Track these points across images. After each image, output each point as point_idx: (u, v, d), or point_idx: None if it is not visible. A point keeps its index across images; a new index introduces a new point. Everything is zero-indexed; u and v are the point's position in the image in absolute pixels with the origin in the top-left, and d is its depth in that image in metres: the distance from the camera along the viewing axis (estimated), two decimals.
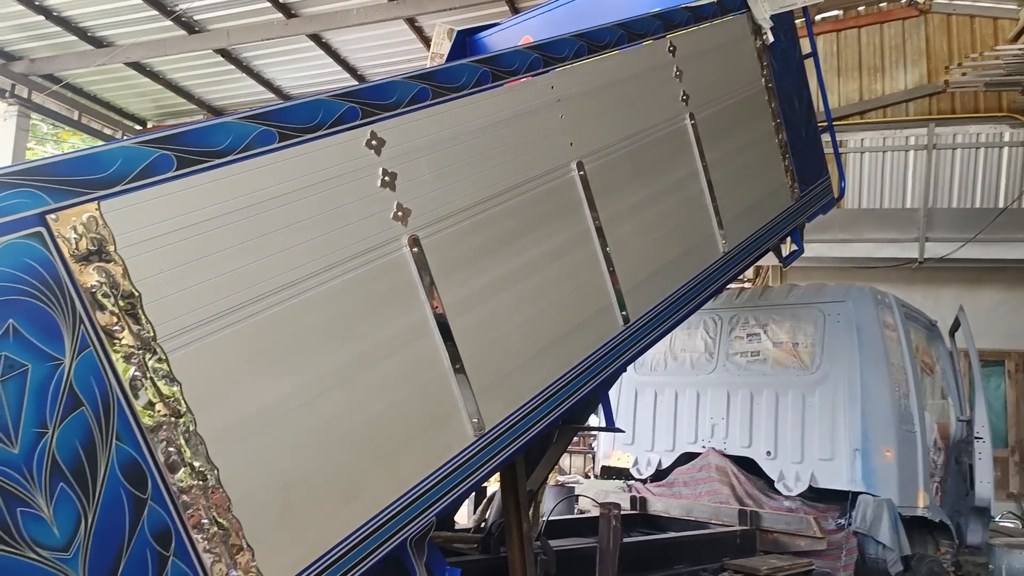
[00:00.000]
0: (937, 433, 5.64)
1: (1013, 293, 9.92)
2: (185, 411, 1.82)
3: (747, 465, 5.28)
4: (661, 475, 5.65)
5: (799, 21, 4.99)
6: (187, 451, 1.81)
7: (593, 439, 8.73)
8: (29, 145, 11.11)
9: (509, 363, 2.65)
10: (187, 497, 1.79)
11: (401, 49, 10.08)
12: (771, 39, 4.33)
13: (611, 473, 5.99)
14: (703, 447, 5.49)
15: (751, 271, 10.28)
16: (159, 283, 1.84)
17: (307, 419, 2.05)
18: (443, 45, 5.23)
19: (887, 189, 10.42)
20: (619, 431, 4.41)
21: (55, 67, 10.26)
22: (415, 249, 2.40)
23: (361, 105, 2.34)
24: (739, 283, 8.50)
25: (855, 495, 4.83)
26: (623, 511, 4.05)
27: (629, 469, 5.83)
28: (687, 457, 5.57)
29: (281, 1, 9.05)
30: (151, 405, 1.77)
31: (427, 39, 9.55)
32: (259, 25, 9.41)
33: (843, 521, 4.82)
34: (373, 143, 2.35)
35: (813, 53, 5.12)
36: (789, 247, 4.91)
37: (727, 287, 4.72)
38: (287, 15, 9.25)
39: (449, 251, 2.51)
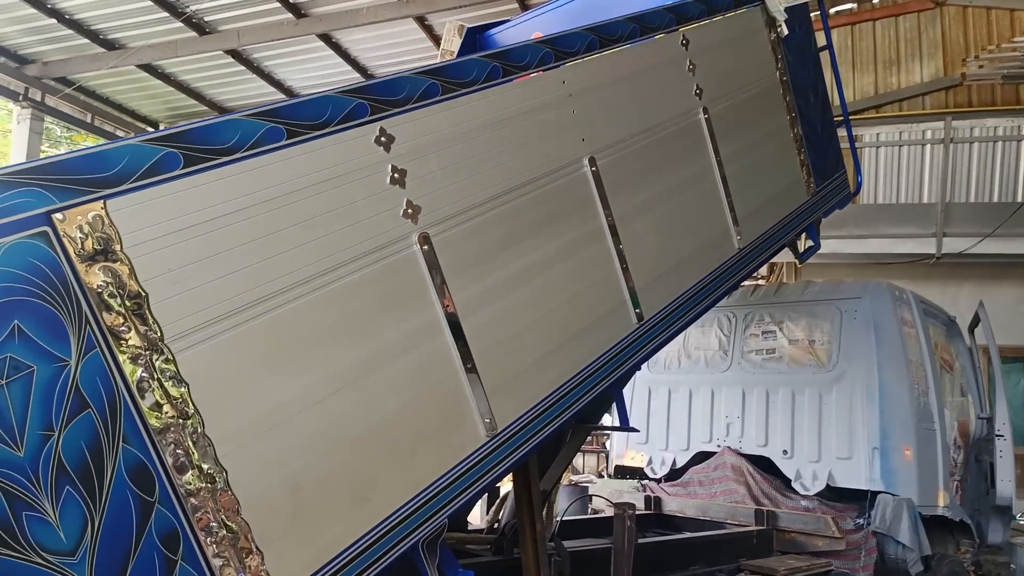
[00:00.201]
0: (957, 431, 5.57)
1: None
2: (193, 412, 1.80)
3: (763, 464, 5.23)
4: (676, 474, 5.61)
5: (814, 14, 4.92)
6: (195, 453, 1.78)
7: (606, 438, 8.69)
8: (43, 148, 11.17)
9: (521, 362, 2.61)
10: (195, 500, 1.76)
11: (411, 48, 10.06)
12: (785, 32, 4.27)
13: (625, 472, 5.96)
14: (718, 446, 5.44)
15: (765, 268, 10.18)
16: (166, 283, 1.81)
17: (316, 420, 2.02)
18: (454, 42, 5.20)
19: (903, 184, 10.29)
20: (633, 431, 4.37)
21: (68, 70, 10.30)
22: (425, 247, 2.37)
23: (370, 101, 2.31)
24: (753, 280, 8.43)
25: (874, 494, 4.77)
26: (638, 511, 4.01)
27: (643, 468, 5.79)
28: (702, 456, 5.53)
29: (291, 1, 9.05)
30: (158, 406, 1.75)
31: (437, 38, 9.52)
32: (269, 26, 9.42)
33: (862, 521, 4.77)
34: (382, 140, 2.32)
35: (828, 46, 5.05)
36: (805, 243, 4.85)
37: (742, 284, 4.67)
38: (297, 15, 9.25)
39: (460, 249, 2.47)
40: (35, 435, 1.58)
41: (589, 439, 7.87)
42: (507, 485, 3.38)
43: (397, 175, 2.34)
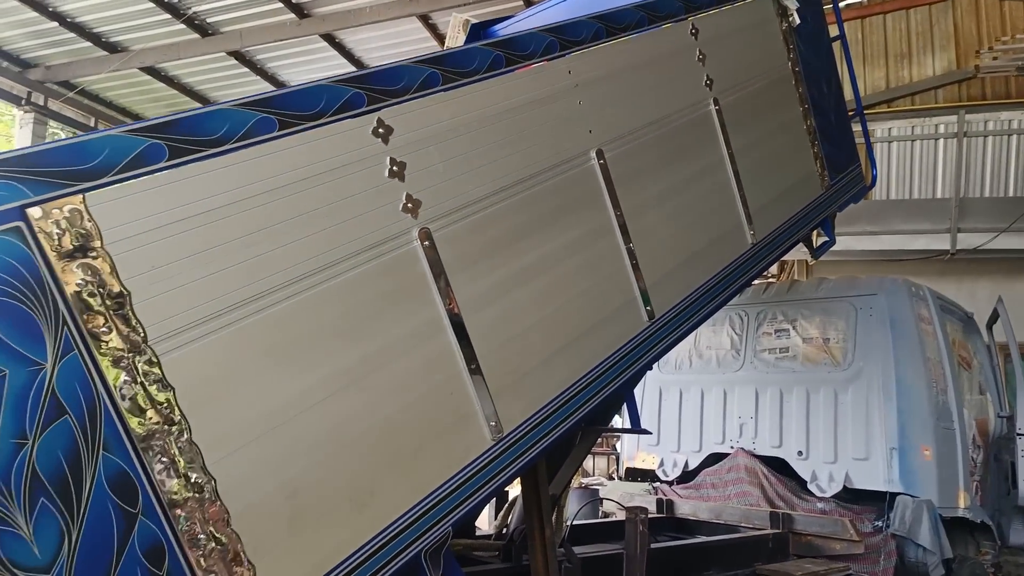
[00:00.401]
0: (976, 430, 5.45)
1: None
2: (179, 418, 1.70)
3: (777, 466, 5.13)
4: (688, 476, 5.52)
5: (827, 6, 4.82)
6: (181, 461, 1.68)
7: (617, 440, 8.58)
8: None
9: (528, 363, 2.51)
10: (181, 511, 1.66)
11: (415, 47, 10.00)
12: (797, 21, 4.17)
13: (636, 475, 5.87)
14: (731, 447, 5.35)
15: (775, 266, 10.05)
16: (150, 280, 1.71)
17: (310, 426, 1.92)
18: (458, 38, 5.12)
19: (916, 179, 10.13)
20: (645, 432, 4.28)
21: (70, 73, 10.28)
22: (426, 243, 2.27)
23: (367, 91, 2.22)
24: (763, 279, 8.30)
25: (892, 496, 4.66)
26: (650, 515, 3.92)
27: (655, 471, 5.69)
28: (715, 458, 5.43)
29: (294, 1, 9.00)
30: (142, 412, 1.65)
31: (441, 36, 9.46)
32: (272, 26, 9.38)
33: (880, 523, 4.65)
34: (380, 131, 2.23)
35: (841, 36, 4.93)
36: (818, 239, 4.74)
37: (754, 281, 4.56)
38: (300, 15, 9.20)
39: (462, 245, 2.38)
40: (7, 443, 1.48)
41: (599, 441, 7.76)
42: (515, 489, 3.29)
43: (396, 168, 2.25)
